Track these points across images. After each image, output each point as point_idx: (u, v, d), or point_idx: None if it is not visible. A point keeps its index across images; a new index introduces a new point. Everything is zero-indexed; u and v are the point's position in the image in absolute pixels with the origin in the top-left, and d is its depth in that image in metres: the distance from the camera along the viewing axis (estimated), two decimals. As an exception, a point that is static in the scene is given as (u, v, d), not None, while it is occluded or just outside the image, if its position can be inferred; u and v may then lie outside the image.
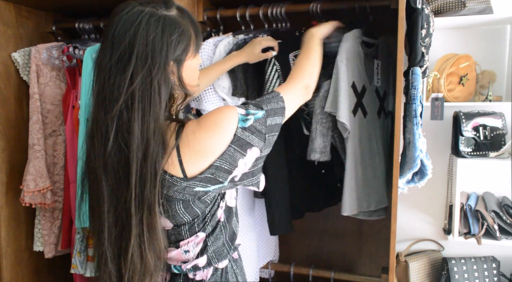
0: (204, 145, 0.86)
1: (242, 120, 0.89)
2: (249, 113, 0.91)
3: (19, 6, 1.79)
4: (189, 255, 0.97)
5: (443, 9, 1.59)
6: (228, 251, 1.01)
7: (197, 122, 0.89)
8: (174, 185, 0.87)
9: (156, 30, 0.84)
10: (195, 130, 0.87)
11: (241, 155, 0.89)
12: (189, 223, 0.94)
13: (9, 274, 1.79)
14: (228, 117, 0.88)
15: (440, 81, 1.68)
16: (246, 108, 0.92)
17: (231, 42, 1.55)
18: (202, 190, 0.90)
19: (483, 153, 1.68)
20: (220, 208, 0.97)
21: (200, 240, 0.96)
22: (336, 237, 2.00)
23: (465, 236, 1.72)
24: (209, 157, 0.87)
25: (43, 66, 1.74)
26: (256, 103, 0.94)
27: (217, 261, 0.99)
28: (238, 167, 0.90)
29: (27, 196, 1.71)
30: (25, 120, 1.79)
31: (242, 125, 0.89)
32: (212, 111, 0.91)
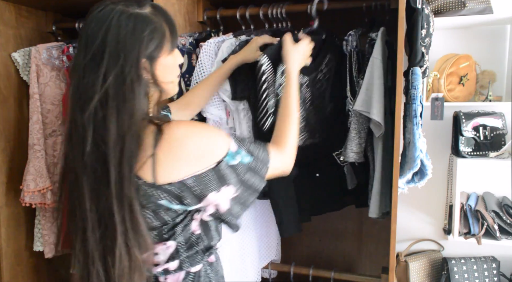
0: (183, 156, 0.84)
1: (230, 155, 0.89)
2: (239, 154, 0.91)
3: (19, 6, 1.79)
4: (159, 258, 0.94)
5: (443, 9, 1.59)
6: (202, 258, 0.97)
7: (187, 130, 0.86)
8: (140, 189, 0.84)
9: (127, 27, 0.84)
10: (181, 138, 0.85)
11: (216, 188, 0.88)
12: (158, 228, 0.91)
13: (9, 274, 1.79)
14: (220, 145, 0.89)
15: (440, 81, 1.68)
16: (239, 146, 0.92)
17: (234, 43, 1.54)
18: (165, 206, 0.87)
19: (483, 153, 1.68)
20: (195, 220, 0.94)
21: (169, 247, 0.93)
22: (336, 237, 2.00)
23: (465, 236, 1.72)
24: (183, 170, 0.84)
25: (43, 66, 1.74)
26: (249, 149, 0.94)
27: (189, 266, 0.96)
28: (208, 199, 0.88)
29: (27, 196, 1.70)
30: (25, 120, 1.79)
31: (228, 160, 0.89)
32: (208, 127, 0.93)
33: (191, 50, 1.60)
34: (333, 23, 1.60)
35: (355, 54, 1.48)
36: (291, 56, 1.29)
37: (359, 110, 1.38)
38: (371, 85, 1.36)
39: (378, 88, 1.35)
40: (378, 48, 1.37)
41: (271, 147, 1.01)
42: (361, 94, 1.38)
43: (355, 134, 1.43)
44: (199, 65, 1.51)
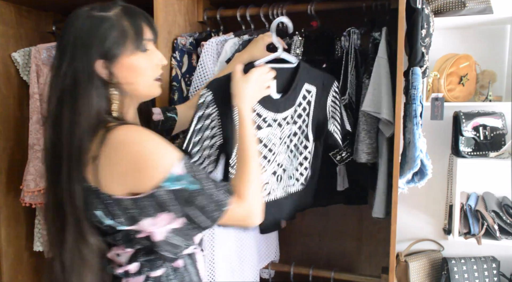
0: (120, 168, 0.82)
1: (171, 180, 0.82)
2: (183, 179, 0.83)
3: (19, 6, 1.79)
4: (121, 259, 0.93)
5: (443, 9, 1.59)
6: (164, 263, 0.95)
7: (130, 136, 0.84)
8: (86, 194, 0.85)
9: (83, 28, 0.87)
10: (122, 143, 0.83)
11: (152, 214, 0.84)
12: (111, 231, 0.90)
13: (9, 274, 1.79)
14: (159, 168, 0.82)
15: (440, 81, 1.68)
16: (187, 171, 0.84)
17: (237, 43, 1.54)
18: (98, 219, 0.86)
19: (483, 153, 1.68)
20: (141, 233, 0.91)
21: (128, 251, 0.92)
22: (336, 237, 2.00)
23: (465, 236, 1.72)
24: (118, 186, 0.83)
25: (43, 66, 1.74)
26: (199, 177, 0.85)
27: (149, 270, 0.93)
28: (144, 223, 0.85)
29: (27, 196, 1.71)
30: (25, 120, 1.79)
31: (168, 185, 0.82)
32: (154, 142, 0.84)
33: (191, 50, 1.60)
34: (333, 23, 1.60)
35: (353, 52, 1.47)
36: (240, 89, 1.10)
37: (368, 111, 1.37)
38: (379, 85, 1.35)
39: (386, 87, 1.35)
40: (383, 48, 1.36)
41: (232, 196, 0.91)
42: (369, 94, 1.36)
43: (365, 134, 1.43)
44: (201, 65, 1.51)
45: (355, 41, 1.45)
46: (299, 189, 1.47)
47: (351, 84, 1.48)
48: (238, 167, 1.00)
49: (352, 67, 1.47)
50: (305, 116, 1.39)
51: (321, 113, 1.42)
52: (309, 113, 1.40)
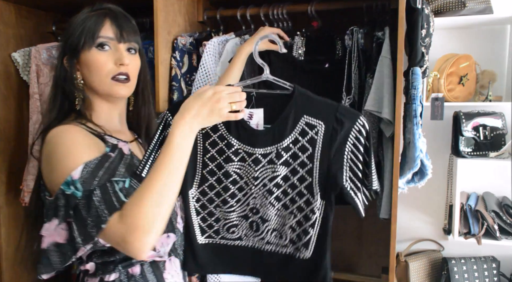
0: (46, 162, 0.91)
1: (67, 183, 0.80)
2: (74, 185, 0.80)
3: (19, 6, 1.79)
4: (83, 256, 0.94)
5: (443, 9, 1.59)
6: (117, 267, 0.93)
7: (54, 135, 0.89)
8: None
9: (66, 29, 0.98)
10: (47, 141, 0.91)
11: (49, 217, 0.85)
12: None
13: (9, 274, 1.79)
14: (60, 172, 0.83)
15: (440, 81, 1.68)
16: (79, 177, 0.81)
17: (238, 43, 1.54)
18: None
19: (483, 153, 1.68)
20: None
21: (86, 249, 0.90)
22: (336, 237, 2.00)
23: (465, 236, 1.72)
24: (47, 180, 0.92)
25: (43, 66, 1.74)
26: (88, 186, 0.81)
27: (102, 273, 0.92)
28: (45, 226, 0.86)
29: (27, 196, 1.70)
30: (25, 120, 1.78)
31: (64, 188, 0.81)
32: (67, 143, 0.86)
33: (192, 50, 1.60)
34: (333, 23, 1.60)
35: (356, 50, 1.47)
36: (185, 103, 0.91)
37: (370, 110, 1.36)
38: (382, 84, 1.35)
39: (389, 87, 1.34)
40: (386, 47, 1.36)
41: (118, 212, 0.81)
42: (372, 94, 1.36)
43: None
44: (203, 64, 1.51)
45: (358, 40, 1.45)
46: (292, 253, 1.11)
47: (354, 83, 1.48)
48: (142, 184, 0.84)
49: (355, 66, 1.47)
50: (306, 159, 1.05)
51: (334, 161, 1.04)
52: (313, 157, 1.05)
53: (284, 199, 1.08)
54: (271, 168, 1.06)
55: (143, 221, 0.79)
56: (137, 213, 0.79)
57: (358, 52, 1.46)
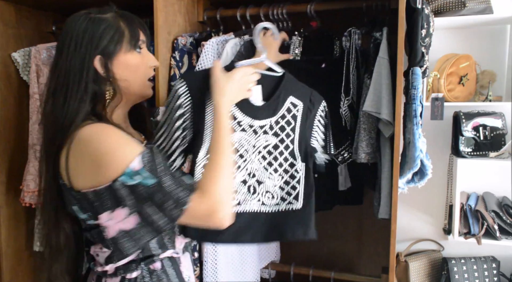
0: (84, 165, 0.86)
1: (128, 174, 0.83)
2: (140, 174, 0.83)
3: (19, 6, 1.79)
4: (99, 259, 0.96)
5: (443, 9, 1.59)
6: (139, 265, 0.96)
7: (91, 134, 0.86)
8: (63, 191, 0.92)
9: (80, 28, 0.92)
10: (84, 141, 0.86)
11: (109, 207, 0.86)
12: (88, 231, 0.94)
13: (9, 274, 1.79)
14: (116, 163, 0.83)
15: (440, 81, 1.68)
16: (143, 165, 0.84)
17: (238, 43, 1.53)
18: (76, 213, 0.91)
19: (483, 153, 1.68)
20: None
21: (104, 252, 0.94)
22: (336, 237, 2.00)
23: (465, 236, 1.72)
24: (83, 181, 0.86)
25: (43, 66, 1.74)
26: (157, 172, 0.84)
27: (124, 272, 0.95)
28: (103, 217, 0.86)
29: (27, 196, 1.71)
30: (25, 120, 1.79)
31: (125, 180, 0.83)
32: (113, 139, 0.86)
33: (192, 50, 1.60)
34: (333, 23, 1.60)
35: (354, 52, 1.47)
36: (221, 85, 1.06)
37: (369, 111, 1.36)
38: (380, 85, 1.35)
39: (387, 87, 1.34)
40: (384, 48, 1.36)
41: (196, 192, 0.88)
42: (370, 95, 1.36)
43: (366, 134, 1.42)
44: (200, 65, 1.51)
45: (356, 41, 1.45)
46: (285, 209, 1.30)
47: (352, 84, 1.48)
48: (209, 163, 0.96)
49: (353, 67, 1.47)
50: (290, 130, 1.29)
51: (308, 132, 1.33)
52: (294, 129, 1.30)
53: (274, 164, 1.28)
54: (264, 138, 1.26)
55: (222, 195, 0.90)
56: (215, 189, 0.90)
57: (356, 53, 1.47)
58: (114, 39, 0.93)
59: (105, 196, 0.84)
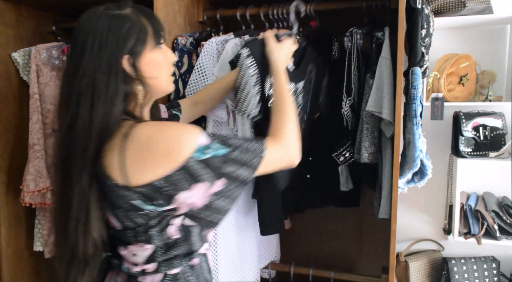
0: (150, 158, 0.84)
1: (200, 150, 0.85)
2: (210, 147, 0.86)
3: (19, 6, 1.79)
4: (137, 259, 0.95)
5: (443, 9, 1.59)
6: (182, 262, 0.96)
7: (151, 132, 0.87)
8: (113, 191, 0.86)
9: (103, 27, 0.88)
10: (146, 141, 0.85)
11: (186, 187, 0.86)
12: (133, 229, 0.92)
13: (9, 274, 1.79)
14: (186, 142, 0.85)
15: (440, 81, 1.68)
16: (212, 140, 0.87)
17: (238, 44, 1.53)
18: (139, 207, 0.87)
19: (483, 153, 1.68)
20: (173, 225, 0.92)
21: (147, 249, 0.93)
22: (336, 237, 2.00)
23: (465, 236, 1.72)
24: (152, 172, 0.84)
25: (43, 66, 1.74)
26: (225, 140, 0.89)
27: (167, 269, 0.95)
28: (180, 198, 0.87)
29: (27, 196, 1.70)
30: (25, 120, 1.78)
31: (198, 156, 0.85)
32: (174, 126, 0.90)
33: (191, 50, 1.60)
34: (333, 23, 1.60)
35: (356, 52, 1.47)
36: (277, 53, 1.28)
37: (371, 111, 1.37)
38: (382, 85, 1.35)
39: (388, 87, 1.35)
40: (386, 48, 1.36)
41: (268, 140, 0.97)
42: (373, 95, 1.36)
43: (369, 134, 1.42)
44: (199, 64, 1.50)
45: (357, 41, 1.45)
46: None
47: (354, 84, 1.48)
48: (275, 116, 1.10)
49: (354, 67, 1.48)
50: (309, 93, 1.51)
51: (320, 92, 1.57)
52: (310, 91, 1.52)
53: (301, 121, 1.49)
54: (295, 99, 1.44)
55: (291, 137, 1.04)
56: (286, 133, 1.03)
57: (358, 53, 1.47)
58: (140, 38, 0.91)
59: (178, 178, 0.85)
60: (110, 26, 0.88)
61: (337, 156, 1.54)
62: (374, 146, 1.43)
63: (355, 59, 1.47)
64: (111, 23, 0.89)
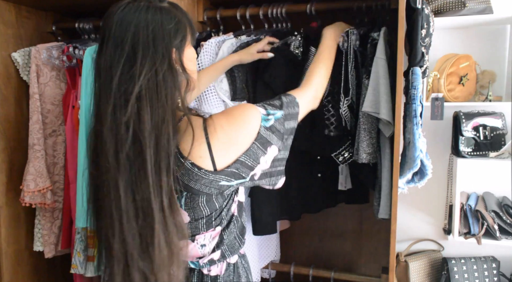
0: (232, 139, 0.91)
1: (264, 119, 0.95)
2: (269, 113, 0.97)
3: (19, 6, 1.79)
4: (205, 250, 1.00)
5: (443, 9, 1.59)
6: (240, 245, 1.06)
7: (224, 116, 0.94)
8: (202, 178, 0.90)
9: (155, 20, 0.86)
10: (223, 124, 0.91)
11: (263, 152, 0.95)
12: (207, 216, 0.97)
13: (9, 274, 1.79)
14: (253, 115, 0.94)
15: (440, 81, 1.68)
16: (266, 108, 0.97)
17: (234, 44, 1.54)
18: (226, 184, 0.94)
19: (483, 153, 1.68)
20: (234, 203, 1.02)
21: (216, 234, 1.00)
22: (336, 237, 2.00)
23: (465, 236, 1.72)
24: (235, 151, 0.92)
25: (43, 66, 1.74)
26: (274, 104, 1.00)
27: (230, 254, 1.04)
28: (260, 164, 0.96)
29: (27, 196, 1.70)
30: (25, 120, 1.79)
31: (264, 124, 0.95)
32: (237, 107, 0.97)
33: (191, 50, 1.60)
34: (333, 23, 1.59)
35: (352, 52, 1.47)
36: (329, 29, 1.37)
37: (368, 111, 1.37)
38: (378, 85, 1.35)
39: (385, 87, 1.35)
40: (381, 48, 1.36)
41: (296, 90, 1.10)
42: (369, 95, 1.37)
43: (366, 134, 1.42)
44: (198, 64, 1.51)
45: (353, 42, 1.45)
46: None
47: (351, 85, 1.48)
48: (314, 64, 1.20)
49: (351, 68, 1.48)
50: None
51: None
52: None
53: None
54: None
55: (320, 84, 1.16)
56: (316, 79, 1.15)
57: (355, 53, 1.47)
58: (184, 34, 0.93)
59: (255, 148, 0.93)
60: (161, 20, 0.87)
61: (336, 156, 1.54)
62: (372, 146, 1.43)
63: (352, 60, 1.47)
64: (161, 17, 0.87)
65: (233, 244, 1.04)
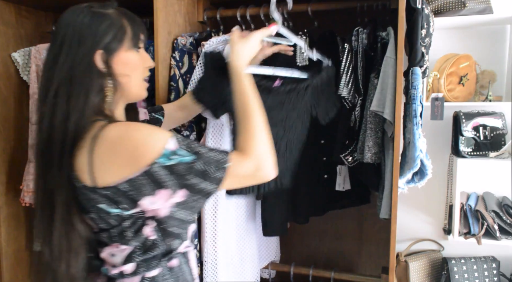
0: (116, 159, 0.84)
1: (165, 156, 0.84)
2: (177, 154, 0.85)
3: (19, 6, 1.79)
4: (115, 260, 0.94)
5: (443, 9, 1.59)
6: (160, 263, 0.95)
7: (120, 133, 0.86)
8: (82, 193, 0.87)
9: (83, 22, 0.91)
10: (113, 141, 0.84)
11: (149, 192, 0.85)
12: (107, 231, 0.92)
13: (9, 274, 1.79)
14: (152, 145, 0.83)
15: (440, 81, 1.68)
16: (179, 145, 0.86)
17: None
18: (105, 210, 0.87)
19: (483, 153, 1.68)
20: (148, 226, 0.92)
21: (125, 249, 0.93)
22: (336, 237, 2.00)
23: (465, 236, 1.72)
24: (116, 175, 0.84)
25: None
26: (193, 148, 0.87)
27: (145, 270, 0.94)
28: (144, 203, 0.86)
29: (27, 196, 1.71)
30: (25, 120, 1.79)
31: (163, 161, 0.83)
32: (144, 127, 0.87)
33: (192, 50, 1.60)
34: (333, 23, 1.60)
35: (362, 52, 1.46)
36: (234, 54, 1.11)
37: (376, 111, 1.36)
38: (386, 84, 1.35)
39: (391, 87, 1.34)
40: (391, 48, 1.35)
41: (233, 154, 0.92)
42: (377, 94, 1.36)
43: (372, 133, 1.41)
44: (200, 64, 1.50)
45: (363, 41, 1.44)
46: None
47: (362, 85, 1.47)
48: (240, 125, 1.00)
49: (361, 67, 1.47)
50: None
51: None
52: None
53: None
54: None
55: (261, 150, 0.95)
56: (254, 146, 0.95)
57: (363, 52, 1.46)
58: (117, 37, 0.92)
59: (142, 182, 0.84)
60: (90, 22, 0.91)
61: (345, 156, 1.53)
62: (378, 146, 1.42)
63: (361, 59, 1.46)
64: (92, 19, 0.91)
65: (150, 262, 0.94)
